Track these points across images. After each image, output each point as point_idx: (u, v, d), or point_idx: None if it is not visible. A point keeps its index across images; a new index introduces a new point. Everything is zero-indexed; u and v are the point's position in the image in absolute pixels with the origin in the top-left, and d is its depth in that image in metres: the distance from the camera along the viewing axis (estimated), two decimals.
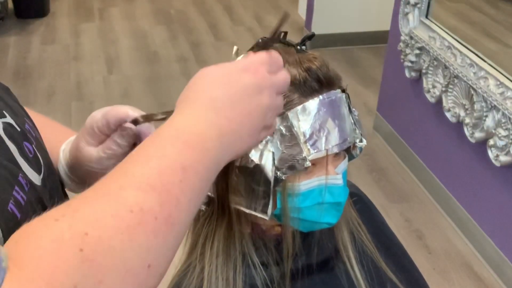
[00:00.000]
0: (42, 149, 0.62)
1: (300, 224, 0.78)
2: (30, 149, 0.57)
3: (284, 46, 0.77)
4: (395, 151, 2.92)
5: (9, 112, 0.57)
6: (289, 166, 0.72)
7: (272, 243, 0.82)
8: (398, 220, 2.49)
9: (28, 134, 0.59)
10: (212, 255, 0.79)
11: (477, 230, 2.31)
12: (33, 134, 0.61)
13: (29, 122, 0.62)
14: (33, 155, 0.57)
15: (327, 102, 0.73)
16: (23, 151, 0.55)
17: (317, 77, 0.73)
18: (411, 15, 2.55)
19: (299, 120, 0.72)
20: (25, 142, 0.57)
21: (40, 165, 0.58)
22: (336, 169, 0.77)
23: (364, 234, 0.89)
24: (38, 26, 4.30)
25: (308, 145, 0.72)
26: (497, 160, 2.06)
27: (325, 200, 0.76)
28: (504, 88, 1.98)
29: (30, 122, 0.62)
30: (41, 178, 0.57)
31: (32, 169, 0.56)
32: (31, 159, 0.56)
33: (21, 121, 0.59)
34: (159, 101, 3.37)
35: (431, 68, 2.44)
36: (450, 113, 2.32)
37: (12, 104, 0.61)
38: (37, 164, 0.58)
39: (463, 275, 2.23)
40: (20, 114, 0.61)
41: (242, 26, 4.37)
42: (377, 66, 3.64)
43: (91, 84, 3.55)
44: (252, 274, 0.80)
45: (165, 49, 3.99)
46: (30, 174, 0.55)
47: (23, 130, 0.58)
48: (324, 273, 0.84)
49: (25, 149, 0.56)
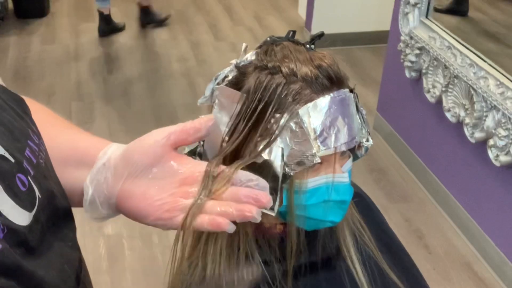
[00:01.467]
0: (44, 176, 0.57)
1: (305, 222, 0.78)
2: (25, 181, 0.52)
3: (294, 44, 0.77)
4: (395, 151, 2.92)
5: (5, 139, 0.52)
6: (297, 162, 0.72)
7: (274, 241, 0.82)
8: (398, 220, 2.49)
9: (25, 163, 0.53)
10: (215, 253, 0.79)
11: (477, 230, 2.31)
12: (34, 160, 0.55)
13: (33, 144, 0.56)
14: (26, 188, 0.52)
15: (338, 100, 0.73)
16: (11, 187, 0.50)
17: (328, 74, 0.73)
18: (411, 15, 2.55)
19: (310, 117, 0.72)
20: (19, 174, 0.51)
21: (33, 199, 0.53)
22: (342, 167, 0.77)
23: (366, 235, 0.89)
24: (38, 26, 4.30)
25: (318, 142, 0.72)
26: (497, 160, 2.06)
27: (331, 198, 0.76)
28: (504, 88, 1.99)
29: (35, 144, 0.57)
30: (32, 214, 0.52)
31: (19, 207, 0.50)
32: (22, 194, 0.51)
33: (21, 146, 0.54)
34: (159, 101, 3.37)
35: (431, 68, 2.44)
36: (450, 113, 2.32)
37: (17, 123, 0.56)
38: (30, 198, 0.52)
39: (463, 275, 2.23)
40: (23, 136, 0.55)
41: (242, 26, 4.37)
42: (377, 66, 3.64)
43: (91, 84, 3.55)
44: (254, 272, 0.80)
45: (165, 49, 3.99)
46: (14, 215, 0.49)
47: (18, 160, 0.52)
48: (327, 272, 0.85)
49: (17, 182, 0.51)
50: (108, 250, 2.31)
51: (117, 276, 2.20)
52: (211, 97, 0.79)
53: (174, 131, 0.63)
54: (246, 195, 0.59)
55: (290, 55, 0.74)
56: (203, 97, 0.80)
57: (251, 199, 0.58)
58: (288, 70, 0.73)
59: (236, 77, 0.77)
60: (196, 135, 0.63)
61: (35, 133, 0.58)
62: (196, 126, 0.63)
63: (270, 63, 0.74)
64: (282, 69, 0.73)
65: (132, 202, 0.63)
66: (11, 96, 0.58)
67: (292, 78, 0.72)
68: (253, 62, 0.76)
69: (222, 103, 0.77)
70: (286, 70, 0.73)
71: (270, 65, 0.74)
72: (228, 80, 0.78)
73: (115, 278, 2.19)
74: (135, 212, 0.63)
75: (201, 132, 0.63)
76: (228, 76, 0.78)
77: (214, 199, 0.60)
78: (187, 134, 0.63)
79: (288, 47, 0.76)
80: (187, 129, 0.63)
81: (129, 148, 0.64)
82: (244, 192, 0.60)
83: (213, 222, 0.58)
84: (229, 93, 0.76)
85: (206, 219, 0.59)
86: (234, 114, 0.74)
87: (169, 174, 0.62)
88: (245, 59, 0.78)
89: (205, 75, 3.61)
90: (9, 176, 0.50)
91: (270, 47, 0.77)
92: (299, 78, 0.72)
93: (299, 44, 0.78)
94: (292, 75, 0.72)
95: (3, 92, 0.57)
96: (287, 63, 0.73)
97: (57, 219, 0.57)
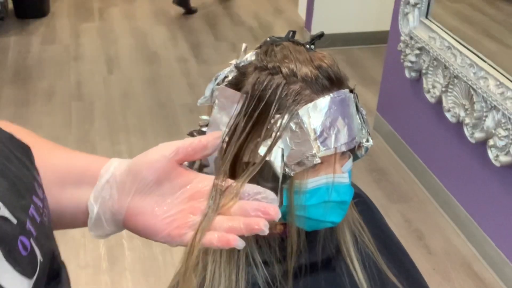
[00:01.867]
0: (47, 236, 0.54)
1: (305, 223, 0.78)
2: (27, 244, 0.49)
3: (293, 44, 0.77)
4: (395, 151, 2.92)
5: (8, 196, 0.49)
6: (298, 163, 0.72)
7: (275, 241, 0.82)
8: (398, 220, 2.49)
9: (28, 223, 0.50)
10: (215, 253, 0.79)
11: (477, 230, 2.31)
12: (38, 219, 0.52)
13: (38, 200, 0.54)
14: (28, 253, 0.49)
15: (338, 101, 0.73)
16: (12, 253, 0.47)
17: (328, 75, 0.73)
18: (411, 15, 2.55)
19: (310, 117, 0.72)
20: (22, 236, 0.49)
21: (35, 264, 0.50)
22: (342, 168, 0.77)
23: (366, 235, 0.89)
24: (38, 26, 4.30)
25: (318, 142, 0.72)
26: (497, 160, 2.06)
27: (331, 198, 0.76)
28: (504, 88, 1.99)
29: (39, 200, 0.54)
30: (33, 281, 0.49)
31: (19, 274, 0.47)
32: (23, 259, 0.48)
33: (25, 204, 0.51)
34: (159, 101, 3.37)
35: (431, 68, 2.44)
36: (450, 113, 2.32)
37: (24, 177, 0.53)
38: (31, 264, 0.49)
39: (463, 275, 2.24)
40: (28, 191, 0.53)
41: (242, 26, 4.37)
42: (377, 66, 3.64)
43: (91, 84, 3.55)
44: (254, 273, 0.80)
45: (165, 49, 4.00)
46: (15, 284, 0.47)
47: (21, 221, 0.49)
48: (327, 272, 0.85)
49: (18, 247, 0.48)
50: (108, 250, 2.31)
51: (117, 276, 2.20)
52: (211, 97, 0.79)
53: (182, 146, 0.62)
54: (254, 209, 0.58)
55: (290, 55, 0.74)
56: (203, 97, 0.80)
57: (259, 213, 0.58)
58: (288, 71, 0.73)
59: (236, 78, 0.77)
60: (203, 152, 0.63)
61: (40, 186, 0.56)
62: (204, 144, 0.62)
63: (270, 63, 0.74)
64: (282, 69, 0.73)
65: (141, 219, 0.62)
66: (17, 144, 0.56)
67: (292, 78, 0.72)
68: (253, 62, 0.76)
69: (222, 104, 0.77)
70: (286, 71, 0.73)
71: (270, 65, 0.74)
72: (228, 81, 0.78)
73: (115, 278, 2.19)
74: (144, 229, 0.62)
75: (208, 149, 0.63)
76: (228, 77, 0.78)
77: (222, 213, 0.60)
78: (194, 150, 0.62)
79: (288, 48, 0.76)
80: (195, 146, 0.62)
81: (136, 163, 0.62)
82: (252, 206, 0.59)
83: (222, 239, 0.58)
84: (229, 94, 0.76)
85: (216, 237, 0.58)
86: (234, 115, 0.74)
87: (178, 190, 0.61)
88: (245, 59, 0.78)
89: (205, 75, 3.61)
90: (11, 240, 0.47)
91: (270, 48, 0.77)
92: (299, 79, 0.72)
93: (299, 45, 0.78)
94: (292, 76, 0.72)
95: (9, 140, 0.55)
96: (287, 63, 0.73)
97: (55, 281, 0.56)
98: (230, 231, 0.58)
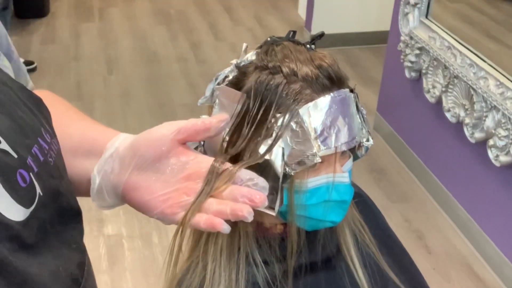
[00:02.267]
0: (51, 175, 0.56)
1: (305, 222, 0.78)
2: (26, 177, 0.51)
3: (294, 44, 0.77)
4: (395, 151, 2.93)
5: (11, 134, 0.51)
6: (298, 162, 0.72)
7: (275, 241, 0.82)
8: (398, 220, 2.49)
9: (29, 159, 0.52)
10: (215, 252, 0.79)
11: (477, 230, 2.31)
12: (41, 158, 0.54)
13: (43, 142, 0.55)
14: (27, 184, 0.51)
15: (338, 100, 0.73)
16: (11, 181, 0.49)
17: (329, 74, 0.73)
18: (411, 15, 2.55)
19: (310, 116, 0.72)
20: (21, 169, 0.51)
21: (33, 196, 0.52)
22: (342, 167, 0.77)
23: (366, 235, 0.89)
24: (38, 26, 4.30)
25: (318, 142, 0.72)
26: (497, 160, 2.06)
27: (332, 198, 0.76)
28: (504, 88, 1.99)
29: (45, 143, 0.56)
30: (29, 211, 0.50)
31: (15, 202, 0.49)
32: (21, 189, 0.50)
33: (29, 143, 0.53)
34: (159, 101, 3.37)
35: (431, 68, 2.44)
36: (450, 113, 2.32)
37: (30, 120, 0.55)
38: (29, 195, 0.51)
39: (463, 275, 2.24)
40: (34, 133, 0.55)
41: (242, 26, 4.37)
42: (377, 66, 3.64)
43: (91, 84, 3.55)
44: (254, 272, 0.80)
45: (165, 49, 4.00)
46: (9, 209, 0.48)
47: (22, 156, 0.51)
48: (327, 272, 0.85)
49: (17, 178, 0.50)
50: (108, 250, 2.31)
51: (117, 276, 2.20)
52: (212, 97, 0.79)
53: (185, 126, 0.63)
54: (242, 195, 0.59)
55: (291, 55, 0.75)
56: (203, 97, 0.80)
57: (245, 199, 0.59)
58: (289, 70, 0.73)
59: (236, 77, 0.77)
60: (205, 134, 0.64)
61: (48, 132, 0.58)
62: (207, 126, 0.63)
63: (271, 63, 0.74)
64: (283, 69, 0.73)
65: (137, 194, 0.63)
66: (28, 94, 0.58)
67: (293, 78, 0.72)
68: (254, 62, 0.76)
69: (223, 103, 0.77)
70: (286, 70, 0.73)
71: (271, 65, 0.74)
72: (228, 80, 0.78)
73: (115, 278, 2.19)
74: (139, 204, 0.64)
75: (211, 132, 0.64)
76: (228, 76, 0.78)
77: (214, 196, 0.61)
78: (196, 132, 0.63)
79: (288, 47, 0.76)
80: (198, 127, 0.63)
81: (137, 140, 0.64)
82: (241, 191, 0.60)
83: (208, 222, 0.59)
84: (229, 93, 0.76)
85: (203, 219, 0.59)
86: (234, 114, 0.74)
87: (175, 169, 0.62)
88: (245, 59, 0.78)
89: (205, 75, 3.61)
90: (9, 171, 0.50)
91: (271, 47, 0.77)
92: (299, 78, 0.72)
93: (299, 44, 0.78)
94: (292, 75, 0.72)
95: (20, 90, 0.57)
96: (287, 63, 0.73)
97: (62, 220, 0.57)
98: (218, 215, 0.59)
